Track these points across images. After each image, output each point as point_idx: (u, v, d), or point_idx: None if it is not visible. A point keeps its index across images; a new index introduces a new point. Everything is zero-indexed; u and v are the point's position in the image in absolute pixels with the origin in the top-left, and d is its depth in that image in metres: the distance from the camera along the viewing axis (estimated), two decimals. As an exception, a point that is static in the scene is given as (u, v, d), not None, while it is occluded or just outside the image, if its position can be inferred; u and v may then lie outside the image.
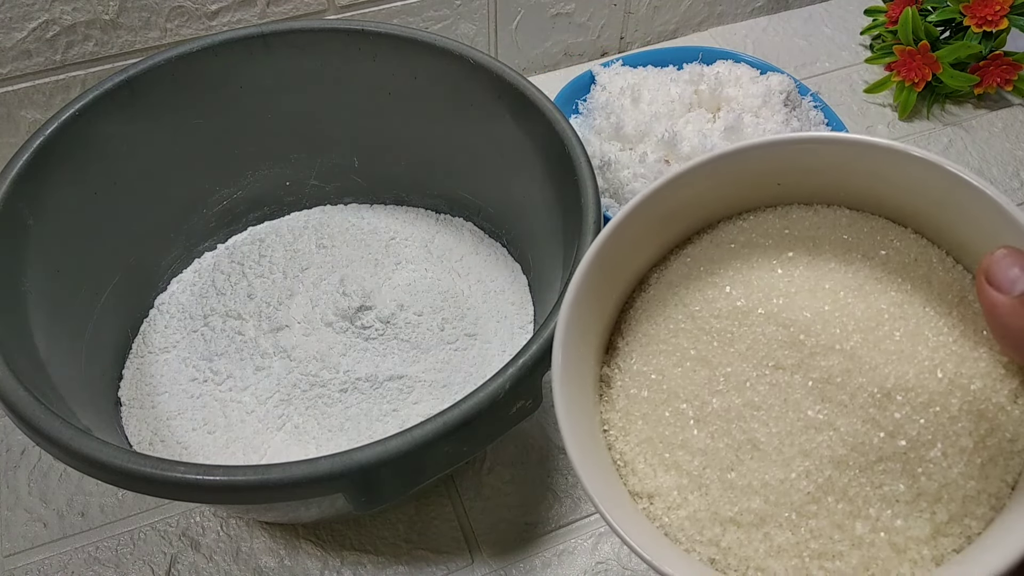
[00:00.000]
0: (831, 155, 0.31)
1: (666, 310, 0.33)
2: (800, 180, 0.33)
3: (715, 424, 0.30)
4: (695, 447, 0.30)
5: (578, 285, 0.32)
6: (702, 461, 0.30)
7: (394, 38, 0.54)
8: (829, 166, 0.32)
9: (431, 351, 0.54)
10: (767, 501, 0.28)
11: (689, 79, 0.66)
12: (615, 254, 0.33)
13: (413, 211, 0.65)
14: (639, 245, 0.34)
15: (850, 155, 0.31)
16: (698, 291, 0.32)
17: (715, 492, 0.29)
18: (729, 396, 0.30)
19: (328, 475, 0.35)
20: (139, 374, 0.54)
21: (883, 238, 0.31)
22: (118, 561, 0.52)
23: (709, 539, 0.29)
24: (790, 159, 0.32)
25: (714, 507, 0.29)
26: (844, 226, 0.32)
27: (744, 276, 0.32)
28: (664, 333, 0.32)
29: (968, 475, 0.26)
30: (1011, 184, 0.76)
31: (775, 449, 0.28)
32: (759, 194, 0.34)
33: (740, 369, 0.30)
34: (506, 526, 0.53)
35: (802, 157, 0.32)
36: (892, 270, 0.30)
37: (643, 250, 0.34)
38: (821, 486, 0.27)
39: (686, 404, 0.30)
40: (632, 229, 0.32)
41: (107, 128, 0.51)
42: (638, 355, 0.33)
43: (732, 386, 0.30)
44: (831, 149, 0.31)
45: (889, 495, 0.27)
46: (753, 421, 0.29)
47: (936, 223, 0.31)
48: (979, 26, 0.78)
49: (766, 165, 0.32)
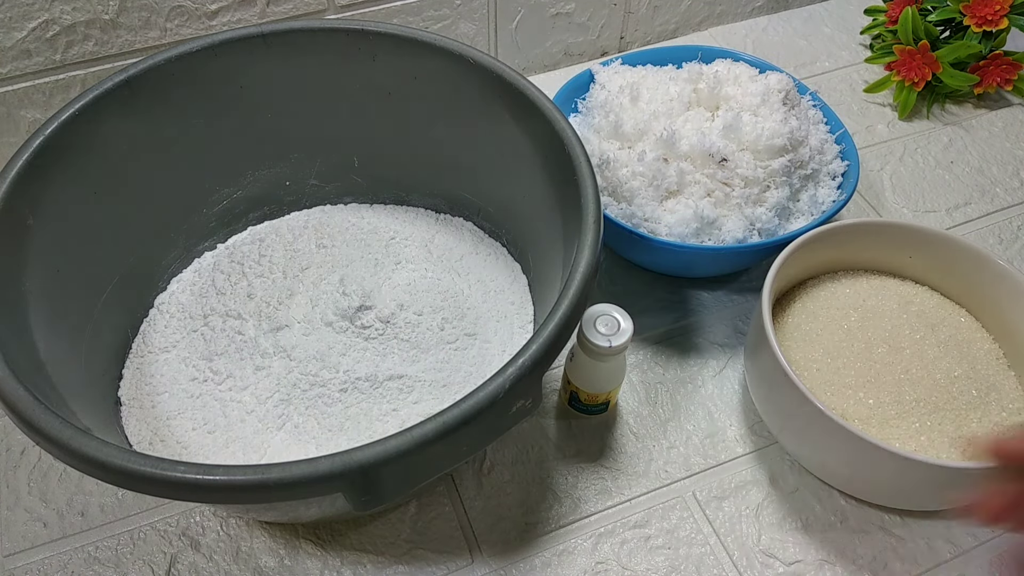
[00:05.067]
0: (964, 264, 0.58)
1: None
2: (924, 262, 0.59)
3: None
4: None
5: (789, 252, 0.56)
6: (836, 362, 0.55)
7: (394, 38, 0.54)
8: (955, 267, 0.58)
9: (431, 351, 0.54)
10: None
11: (688, 78, 0.66)
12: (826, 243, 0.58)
13: (413, 211, 0.65)
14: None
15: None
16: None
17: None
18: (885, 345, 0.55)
19: (328, 475, 0.35)
20: (139, 374, 0.54)
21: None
22: (118, 561, 0.52)
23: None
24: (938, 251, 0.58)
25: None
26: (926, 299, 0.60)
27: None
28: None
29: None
30: (1011, 184, 0.76)
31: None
32: (889, 260, 0.61)
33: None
34: (506, 526, 0.53)
35: (943, 253, 0.58)
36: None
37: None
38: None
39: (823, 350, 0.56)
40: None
41: (107, 128, 0.51)
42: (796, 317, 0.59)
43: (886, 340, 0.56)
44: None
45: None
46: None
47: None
48: (979, 26, 0.78)
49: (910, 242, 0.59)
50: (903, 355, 0.54)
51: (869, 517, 0.54)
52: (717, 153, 0.60)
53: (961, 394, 0.52)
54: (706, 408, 0.59)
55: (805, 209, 0.63)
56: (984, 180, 0.76)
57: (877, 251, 0.60)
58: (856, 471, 0.50)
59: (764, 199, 0.61)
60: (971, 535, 0.53)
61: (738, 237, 0.59)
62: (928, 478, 0.47)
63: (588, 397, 0.55)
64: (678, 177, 0.60)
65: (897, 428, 0.51)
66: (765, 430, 0.58)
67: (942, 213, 0.74)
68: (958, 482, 0.47)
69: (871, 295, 0.58)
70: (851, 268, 0.61)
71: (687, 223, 0.59)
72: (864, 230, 0.58)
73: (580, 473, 0.56)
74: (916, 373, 0.53)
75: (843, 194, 0.63)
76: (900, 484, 0.49)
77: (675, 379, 0.61)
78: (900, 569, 0.52)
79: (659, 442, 0.58)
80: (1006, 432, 0.41)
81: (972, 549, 0.53)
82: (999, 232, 0.72)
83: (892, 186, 0.76)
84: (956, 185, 0.76)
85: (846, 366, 0.54)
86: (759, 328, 0.52)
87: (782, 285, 0.59)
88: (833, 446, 0.49)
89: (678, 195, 0.61)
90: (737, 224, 0.59)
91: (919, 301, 0.58)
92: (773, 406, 0.54)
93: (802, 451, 0.54)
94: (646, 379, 0.61)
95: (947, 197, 0.75)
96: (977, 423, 0.51)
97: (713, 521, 0.54)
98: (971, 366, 0.54)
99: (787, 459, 0.57)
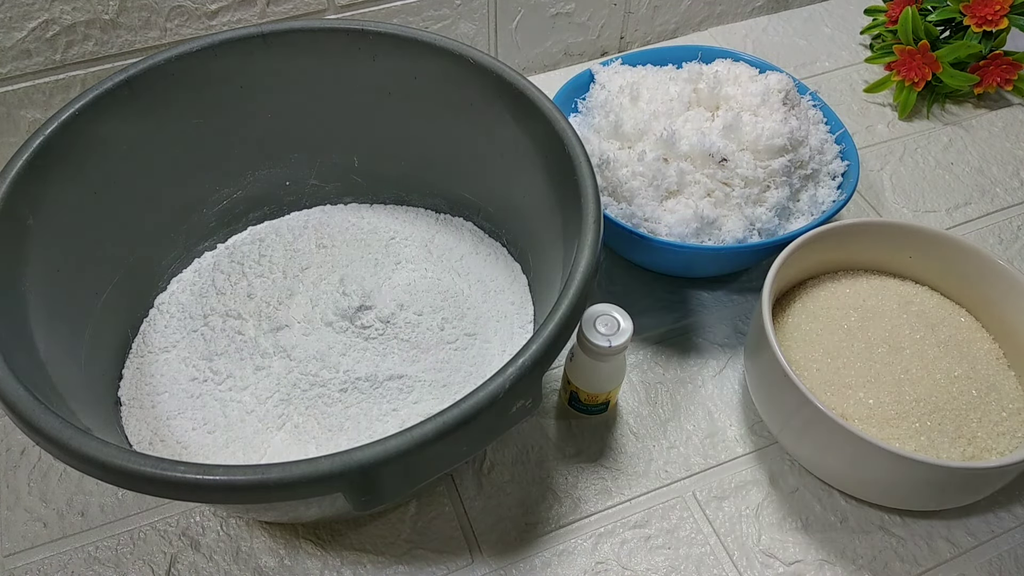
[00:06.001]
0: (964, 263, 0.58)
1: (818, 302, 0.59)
2: (924, 263, 0.59)
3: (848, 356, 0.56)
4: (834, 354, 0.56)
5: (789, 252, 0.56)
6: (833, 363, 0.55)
7: (394, 38, 0.54)
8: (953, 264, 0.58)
9: (431, 351, 0.54)
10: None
11: (688, 78, 0.66)
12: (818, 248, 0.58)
13: (413, 211, 0.65)
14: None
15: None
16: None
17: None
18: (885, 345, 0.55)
19: (328, 475, 0.35)
20: (139, 374, 0.54)
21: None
22: (118, 561, 0.52)
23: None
24: (935, 250, 0.58)
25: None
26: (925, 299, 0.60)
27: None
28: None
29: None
30: (1011, 184, 0.76)
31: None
32: (889, 260, 0.60)
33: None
34: (506, 526, 0.53)
35: (943, 254, 0.58)
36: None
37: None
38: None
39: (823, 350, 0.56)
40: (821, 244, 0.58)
41: (107, 128, 0.51)
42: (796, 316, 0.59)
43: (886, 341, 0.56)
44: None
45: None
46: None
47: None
48: (979, 26, 0.78)
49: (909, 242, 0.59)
50: (903, 355, 0.54)
51: (869, 517, 0.54)
52: (717, 153, 0.60)
53: (961, 394, 0.52)
54: (706, 408, 0.59)
55: (805, 209, 0.63)
56: (984, 180, 0.76)
57: (877, 251, 0.60)
58: (856, 471, 0.50)
59: (764, 199, 0.61)
60: (971, 535, 0.53)
61: (738, 237, 0.59)
62: (928, 478, 0.47)
63: (588, 397, 0.55)
64: (678, 177, 0.60)
65: (897, 428, 0.51)
66: (765, 430, 0.58)
67: (942, 213, 0.74)
68: (958, 482, 0.48)
69: (871, 295, 0.58)
70: (851, 268, 0.61)
71: (687, 223, 0.59)
72: (864, 230, 0.58)
73: (580, 473, 0.56)
74: (916, 373, 0.53)
75: (843, 194, 0.63)
76: (900, 484, 0.49)
77: (675, 379, 0.61)
78: (900, 569, 0.52)
79: (659, 442, 0.58)
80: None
81: (972, 549, 0.53)
82: (999, 232, 0.72)
83: (892, 186, 0.76)
84: (956, 185, 0.76)
85: (846, 366, 0.54)
86: (759, 328, 0.52)
87: (782, 285, 0.59)
88: (833, 446, 0.49)
89: (678, 195, 0.61)
90: (737, 224, 0.59)
91: (919, 301, 0.58)
92: (773, 406, 0.54)
93: (802, 451, 0.54)
94: (646, 379, 0.61)
95: (947, 197, 0.75)
96: (977, 423, 0.51)
97: (713, 521, 0.54)
98: (971, 366, 0.54)
99: (787, 459, 0.57)
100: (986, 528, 0.54)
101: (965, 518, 0.54)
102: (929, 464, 0.45)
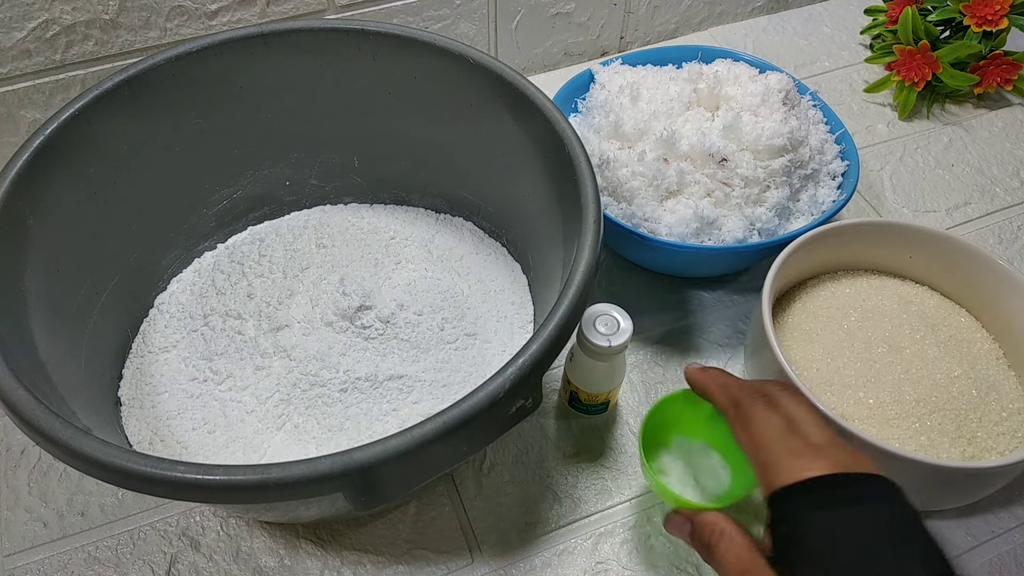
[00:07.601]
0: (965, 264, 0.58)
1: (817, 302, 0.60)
2: (924, 263, 0.59)
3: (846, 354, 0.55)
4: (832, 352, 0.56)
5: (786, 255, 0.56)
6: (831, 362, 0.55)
7: (394, 38, 0.54)
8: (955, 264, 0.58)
9: (431, 351, 0.54)
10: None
11: (688, 78, 0.66)
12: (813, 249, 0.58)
13: (413, 211, 0.65)
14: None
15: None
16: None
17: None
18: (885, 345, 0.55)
19: (328, 475, 0.35)
20: (139, 374, 0.54)
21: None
22: (118, 561, 0.52)
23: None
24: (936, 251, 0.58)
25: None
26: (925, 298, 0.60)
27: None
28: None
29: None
30: (1011, 184, 0.76)
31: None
32: (888, 260, 0.61)
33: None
34: (506, 526, 0.53)
35: (940, 254, 0.58)
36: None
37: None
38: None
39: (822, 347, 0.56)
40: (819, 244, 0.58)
41: (107, 128, 0.51)
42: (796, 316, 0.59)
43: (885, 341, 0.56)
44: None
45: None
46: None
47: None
48: (979, 26, 0.78)
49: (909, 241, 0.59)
50: (903, 355, 0.54)
51: (869, 517, 0.54)
52: (717, 153, 0.60)
53: (961, 394, 0.52)
54: (706, 408, 0.59)
55: (805, 209, 0.63)
56: (984, 180, 0.76)
57: (877, 251, 0.60)
58: (856, 471, 0.50)
59: (764, 199, 0.61)
60: (971, 535, 0.53)
61: (738, 237, 0.59)
62: (928, 478, 0.47)
63: (588, 397, 0.55)
64: (678, 177, 0.60)
65: (897, 428, 0.51)
66: (765, 430, 0.58)
67: (942, 213, 0.74)
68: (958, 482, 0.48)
69: (871, 295, 0.59)
70: (851, 268, 0.61)
71: (687, 223, 0.59)
72: (864, 230, 0.58)
73: (580, 473, 0.56)
74: (916, 373, 0.53)
75: (843, 194, 0.63)
76: (900, 484, 0.49)
77: (675, 379, 0.61)
78: (900, 569, 0.52)
79: (659, 442, 0.58)
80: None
81: (972, 549, 0.53)
82: (999, 232, 0.72)
83: (892, 186, 0.76)
84: (956, 185, 0.76)
85: (846, 366, 0.54)
86: (759, 328, 0.52)
87: (782, 285, 0.59)
88: (833, 446, 0.49)
89: (678, 195, 0.61)
90: (737, 224, 0.59)
91: (919, 301, 0.58)
92: (773, 406, 0.54)
93: (802, 451, 0.54)
94: (646, 379, 0.61)
95: (947, 197, 0.75)
96: (977, 423, 0.51)
97: (713, 521, 0.54)
98: (971, 366, 0.54)
99: (787, 459, 0.57)
100: (986, 528, 0.53)
101: (965, 518, 0.54)
102: (929, 464, 0.45)
